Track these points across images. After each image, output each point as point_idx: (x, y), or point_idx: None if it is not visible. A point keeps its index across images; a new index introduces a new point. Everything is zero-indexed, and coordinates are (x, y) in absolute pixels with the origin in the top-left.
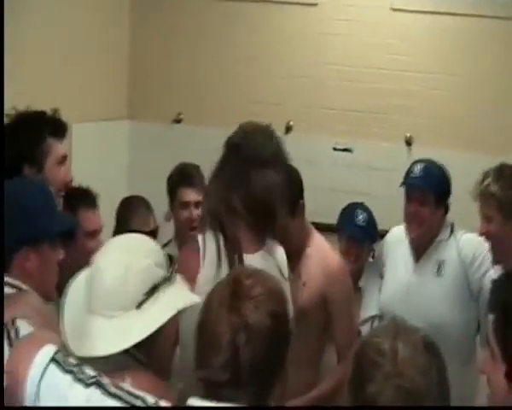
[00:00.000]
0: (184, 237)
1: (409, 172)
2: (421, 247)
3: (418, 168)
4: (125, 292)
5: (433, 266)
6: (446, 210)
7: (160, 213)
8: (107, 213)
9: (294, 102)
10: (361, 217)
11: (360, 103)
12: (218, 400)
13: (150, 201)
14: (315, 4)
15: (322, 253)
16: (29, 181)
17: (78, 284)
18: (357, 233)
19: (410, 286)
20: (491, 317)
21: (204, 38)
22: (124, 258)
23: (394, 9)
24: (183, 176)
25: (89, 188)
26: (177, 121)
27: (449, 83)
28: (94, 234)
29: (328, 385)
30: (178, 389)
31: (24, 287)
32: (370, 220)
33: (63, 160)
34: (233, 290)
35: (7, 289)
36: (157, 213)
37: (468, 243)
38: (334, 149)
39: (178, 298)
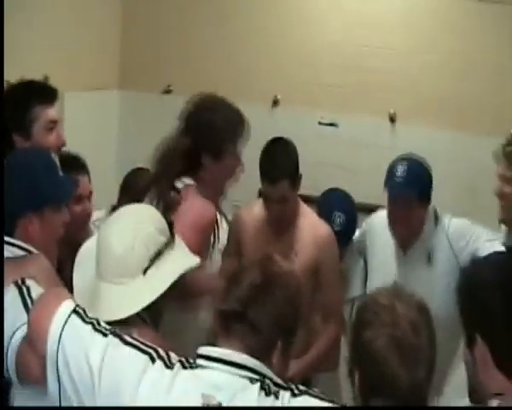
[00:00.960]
0: None
1: (391, 172)
2: (408, 240)
3: (401, 170)
4: (132, 259)
5: (423, 255)
6: (429, 200)
7: None
8: (96, 180)
9: (282, 77)
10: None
11: (346, 79)
12: (228, 333)
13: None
14: None
15: (312, 223)
16: (31, 150)
17: (85, 252)
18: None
19: (400, 277)
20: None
21: (194, 11)
22: (129, 226)
23: None
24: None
25: (77, 154)
26: (167, 92)
27: (433, 61)
28: (80, 198)
29: (321, 348)
30: None
31: (33, 250)
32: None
33: (53, 125)
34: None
35: (17, 251)
36: None
37: (456, 229)
38: (320, 123)
39: (179, 262)
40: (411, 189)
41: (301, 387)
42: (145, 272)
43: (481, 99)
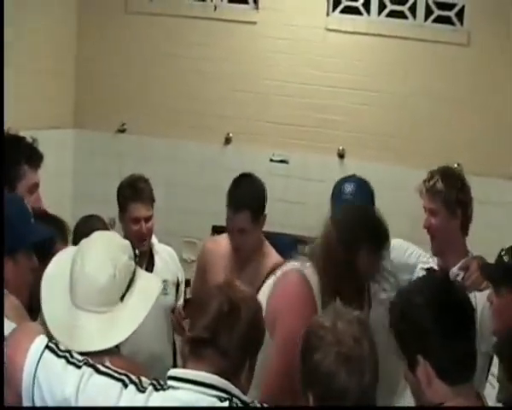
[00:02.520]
0: (136, 246)
1: (339, 190)
2: None
3: (349, 189)
4: (115, 288)
5: None
6: None
7: (106, 220)
8: None
9: (234, 115)
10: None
11: (296, 117)
12: (198, 358)
13: (95, 207)
14: (254, 23)
15: (273, 261)
16: (7, 196)
17: (49, 279)
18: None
19: None
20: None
21: (149, 51)
22: (107, 256)
23: (329, 29)
24: (133, 191)
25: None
26: (121, 131)
27: (378, 99)
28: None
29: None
30: None
31: (5, 292)
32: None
33: (34, 188)
34: (227, 283)
35: None
36: None
37: (396, 249)
38: (271, 160)
39: (150, 287)
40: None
41: (266, 406)
42: (122, 298)
43: (422, 135)
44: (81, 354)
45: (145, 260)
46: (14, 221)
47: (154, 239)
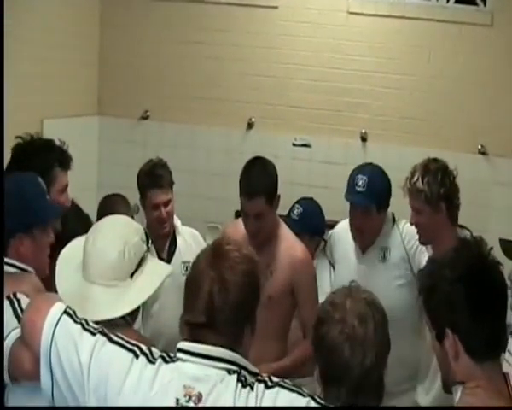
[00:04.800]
0: (156, 232)
1: (352, 183)
2: (367, 242)
3: (361, 182)
4: (124, 264)
5: (378, 253)
6: (387, 206)
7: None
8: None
9: (256, 100)
10: (296, 211)
11: (318, 101)
12: (198, 339)
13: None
14: (276, 7)
15: (290, 245)
16: (23, 176)
17: (65, 258)
18: (293, 225)
19: (358, 274)
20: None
21: (171, 38)
22: (120, 234)
23: (351, 12)
24: (151, 179)
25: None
26: (145, 118)
27: (400, 82)
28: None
29: (297, 356)
30: None
31: (26, 267)
32: (305, 213)
33: (65, 188)
34: (214, 253)
35: (9, 269)
36: None
37: (410, 232)
38: (294, 144)
39: (160, 268)
40: (370, 201)
41: (274, 379)
42: (132, 275)
43: (446, 117)
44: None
45: (167, 241)
46: (30, 198)
47: (177, 222)
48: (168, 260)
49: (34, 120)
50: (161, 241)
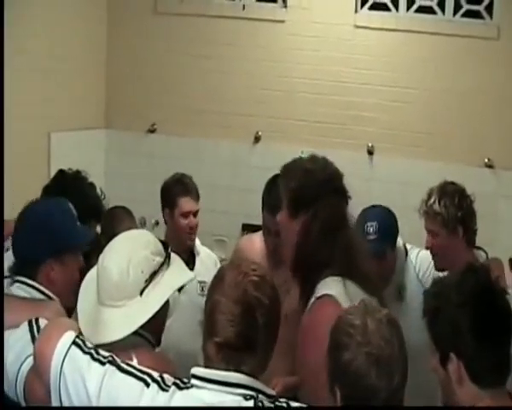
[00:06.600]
0: (181, 244)
1: (363, 233)
2: (383, 282)
3: (372, 230)
4: (129, 283)
5: (394, 291)
6: (396, 242)
7: (137, 220)
8: None
9: (263, 114)
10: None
11: (325, 115)
12: (223, 361)
13: (126, 207)
14: (282, 21)
15: None
16: (52, 202)
17: (88, 280)
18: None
19: None
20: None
21: (178, 51)
22: (124, 252)
23: (357, 26)
24: (182, 186)
25: None
26: (152, 131)
27: (407, 95)
28: None
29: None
30: None
31: (52, 296)
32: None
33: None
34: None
35: (35, 294)
36: None
37: (423, 263)
38: (301, 157)
39: (173, 280)
40: (385, 245)
41: (294, 404)
42: (142, 292)
43: (451, 130)
44: (107, 349)
45: (185, 257)
46: (59, 223)
47: (197, 240)
48: None
49: (41, 133)
50: (182, 254)
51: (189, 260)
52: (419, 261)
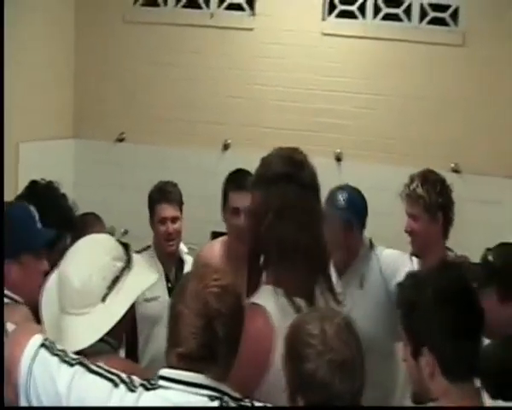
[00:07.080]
0: (164, 250)
1: (332, 199)
2: (344, 265)
3: (342, 198)
4: (90, 289)
5: (356, 279)
6: (364, 227)
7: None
8: None
9: (231, 121)
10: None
11: (293, 122)
12: (190, 370)
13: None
14: (251, 29)
15: None
16: (13, 204)
17: (49, 287)
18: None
19: None
20: (398, 312)
21: (145, 60)
22: (85, 259)
23: (325, 34)
24: (160, 193)
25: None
26: (120, 140)
27: (374, 102)
28: None
29: None
30: None
31: (19, 299)
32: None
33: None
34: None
35: (5, 299)
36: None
37: (387, 258)
38: None
39: (138, 282)
40: (352, 214)
41: (257, 403)
42: (104, 299)
43: (418, 135)
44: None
45: (173, 264)
46: (18, 225)
47: (183, 247)
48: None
49: (10, 143)
50: (169, 260)
51: (178, 267)
52: (383, 256)
